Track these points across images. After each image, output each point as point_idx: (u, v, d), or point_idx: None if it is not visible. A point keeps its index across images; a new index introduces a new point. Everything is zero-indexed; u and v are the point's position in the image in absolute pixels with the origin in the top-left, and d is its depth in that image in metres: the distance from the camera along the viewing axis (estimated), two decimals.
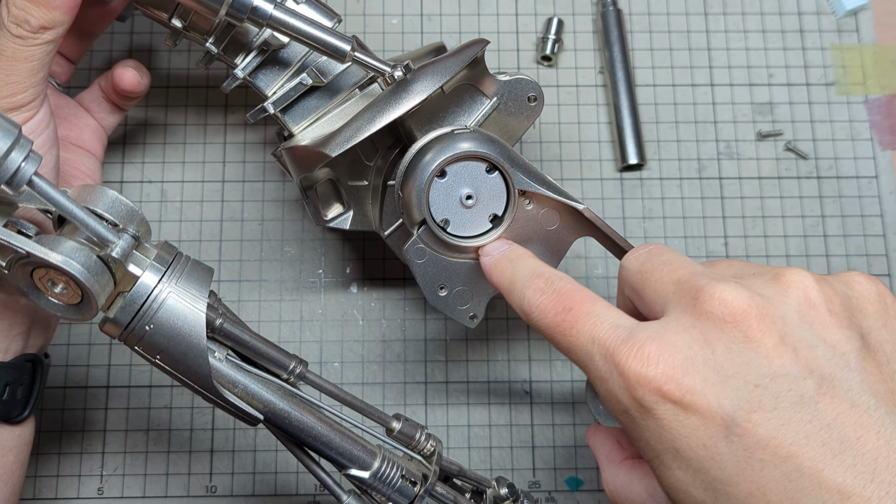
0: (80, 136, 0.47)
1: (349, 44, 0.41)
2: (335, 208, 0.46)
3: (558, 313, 0.32)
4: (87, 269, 0.32)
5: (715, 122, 0.57)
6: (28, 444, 0.42)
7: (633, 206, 0.55)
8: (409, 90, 0.41)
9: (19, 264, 0.33)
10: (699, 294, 0.29)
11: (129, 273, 0.34)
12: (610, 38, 0.56)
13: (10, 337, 0.40)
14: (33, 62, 0.36)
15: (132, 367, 0.52)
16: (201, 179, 0.55)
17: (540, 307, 0.33)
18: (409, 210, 0.41)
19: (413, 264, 0.43)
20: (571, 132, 0.56)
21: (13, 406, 0.40)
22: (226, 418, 0.51)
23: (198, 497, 0.51)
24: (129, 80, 0.46)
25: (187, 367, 0.34)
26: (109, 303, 0.34)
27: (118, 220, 0.35)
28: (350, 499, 0.37)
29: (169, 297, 0.34)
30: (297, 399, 0.37)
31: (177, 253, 0.36)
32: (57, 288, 0.33)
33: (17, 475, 0.41)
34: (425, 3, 0.58)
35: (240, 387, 0.36)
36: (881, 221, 0.55)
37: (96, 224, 0.32)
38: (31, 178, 0.31)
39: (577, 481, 0.51)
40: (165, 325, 0.34)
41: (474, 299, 0.44)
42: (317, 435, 0.37)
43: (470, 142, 0.41)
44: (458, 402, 0.52)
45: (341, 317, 0.53)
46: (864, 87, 0.57)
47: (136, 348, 0.34)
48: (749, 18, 0.58)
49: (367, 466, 0.37)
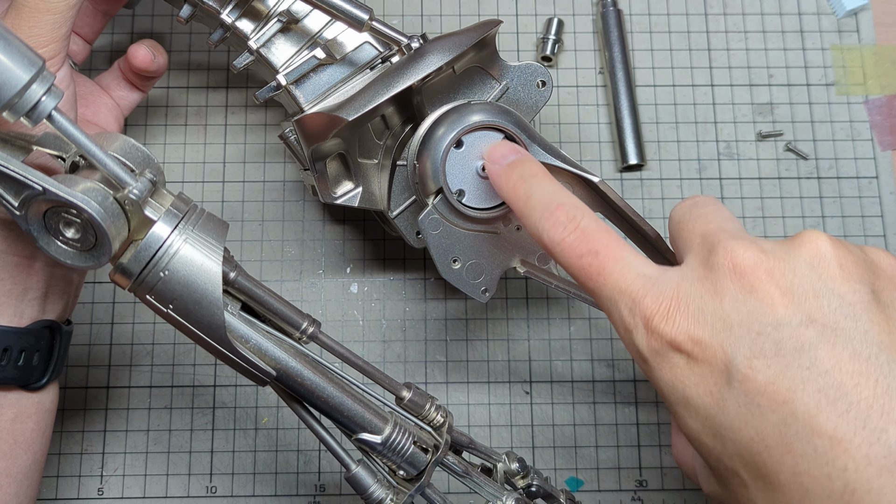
0: (97, 113, 0.47)
1: (367, 12, 0.41)
2: (344, 185, 0.46)
3: (583, 255, 0.32)
4: (105, 208, 0.31)
5: (715, 122, 0.57)
6: (50, 412, 0.41)
7: (634, 206, 0.55)
8: (425, 59, 0.41)
9: (33, 203, 0.32)
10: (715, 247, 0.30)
11: (144, 218, 0.33)
12: (610, 39, 0.56)
13: (25, 301, 0.39)
14: (56, 15, 0.36)
15: (132, 367, 0.52)
16: (201, 180, 0.55)
17: (563, 245, 0.33)
18: (425, 180, 0.42)
19: (428, 235, 0.43)
20: (572, 132, 0.56)
21: (30, 372, 0.39)
22: (226, 418, 0.51)
23: (198, 497, 0.51)
24: (142, 58, 0.46)
25: (200, 318, 0.33)
26: (121, 252, 0.33)
27: (134, 166, 0.34)
28: (359, 468, 0.36)
29: (185, 245, 0.33)
30: (309, 359, 0.36)
31: (192, 203, 0.35)
32: (69, 232, 0.32)
33: (39, 443, 0.41)
34: (425, 3, 0.58)
35: (252, 343, 0.35)
36: (881, 222, 0.55)
37: (114, 164, 0.31)
38: (50, 113, 0.30)
39: (577, 481, 0.51)
40: (180, 273, 0.33)
41: (487, 273, 0.44)
42: (328, 397, 0.36)
43: (487, 112, 0.42)
44: (459, 403, 0.52)
45: (341, 317, 0.53)
46: (865, 88, 0.57)
47: (149, 297, 0.33)
48: (749, 19, 0.58)
49: (378, 431, 0.36)
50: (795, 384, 0.26)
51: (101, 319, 0.53)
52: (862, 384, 0.26)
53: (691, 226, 0.33)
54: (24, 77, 0.29)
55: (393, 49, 0.44)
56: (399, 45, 0.43)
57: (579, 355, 0.53)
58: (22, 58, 0.29)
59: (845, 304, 0.28)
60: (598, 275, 0.32)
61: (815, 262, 0.29)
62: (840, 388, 0.26)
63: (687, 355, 0.29)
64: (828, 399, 0.26)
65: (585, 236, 0.33)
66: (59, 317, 0.41)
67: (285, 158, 0.55)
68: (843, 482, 0.25)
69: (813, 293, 0.28)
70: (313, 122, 0.42)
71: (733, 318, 0.28)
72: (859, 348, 0.27)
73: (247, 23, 0.45)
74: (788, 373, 0.27)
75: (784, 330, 0.27)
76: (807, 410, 0.26)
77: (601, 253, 0.32)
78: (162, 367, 0.52)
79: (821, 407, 0.26)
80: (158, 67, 0.47)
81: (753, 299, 0.28)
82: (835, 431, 0.26)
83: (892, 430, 0.25)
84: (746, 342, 0.28)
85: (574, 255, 0.33)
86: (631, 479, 0.52)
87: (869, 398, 0.26)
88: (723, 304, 0.29)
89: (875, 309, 0.28)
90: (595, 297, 0.33)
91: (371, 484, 0.37)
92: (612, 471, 0.52)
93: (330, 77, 0.45)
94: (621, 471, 0.52)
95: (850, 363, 0.26)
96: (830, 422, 0.26)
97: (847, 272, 0.28)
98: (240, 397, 0.52)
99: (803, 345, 0.27)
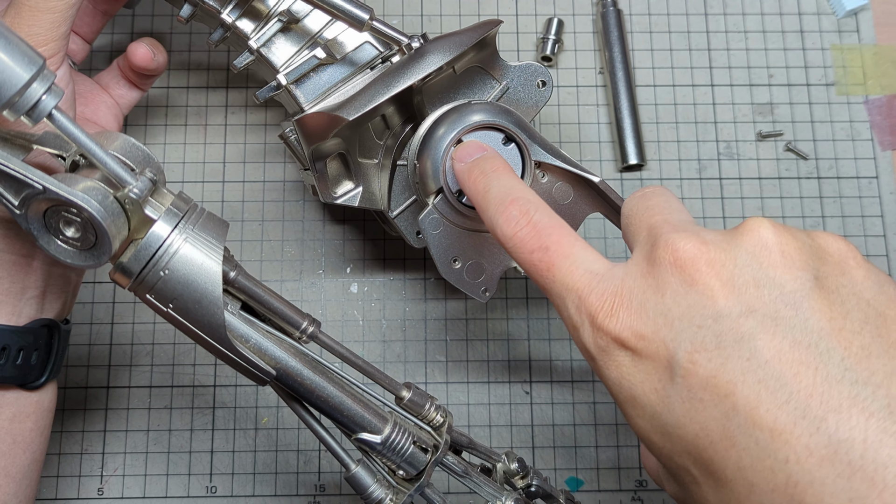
0: (96, 112, 0.48)
1: (368, 12, 0.41)
2: (344, 185, 0.46)
3: (534, 251, 0.32)
4: (105, 207, 0.31)
5: (715, 122, 0.57)
6: (48, 411, 0.41)
7: None
8: (426, 59, 0.41)
9: (34, 202, 0.32)
10: (657, 241, 0.29)
11: (144, 217, 0.33)
12: (610, 39, 0.56)
13: (23, 300, 0.39)
14: (55, 14, 0.36)
15: (132, 367, 0.52)
16: (201, 180, 0.55)
17: (515, 240, 0.33)
18: (425, 180, 0.42)
19: (428, 235, 0.43)
20: (572, 132, 0.56)
21: (28, 371, 0.39)
22: (226, 418, 0.51)
23: (198, 497, 0.51)
24: (141, 56, 0.46)
25: (200, 317, 0.33)
26: (121, 251, 0.33)
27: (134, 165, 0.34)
28: (359, 468, 0.36)
29: (185, 244, 0.33)
30: (309, 358, 0.36)
31: (193, 203, 0.35)
32: (69, 231, 0.32)
33: (38, 443, 0.41)
34: (425, 3, 0.58)
35: (251, 342, 0.35)
36: (881, 222, 0.55)
37: (115, 163, 0.32)
38: (51, 112, 0.30)
39: (577, 481, 0.51)
40: (180, 272, 0.33)
41: (487, 273, 0.45)
42: (328, 396, 0.36)
43: (487, 112, 0.42)
44: (459, 403, 0.52)
45: (341, 317, 0.53)
46: (865, 88, 0.57)
47: (149, 296, 0.33)
48: (749, 19, 0.58)
49: (377, 431, 0.36)
50: (736, 376, 0.26)
51: (101, 319, 0.53)
52: (802, 373, 0.25)
53: (638, 218, 0.32)
54: (25, 76, 0.29)
55: (393, 49, 0.45)
56: (399, 44, 0.43)
57: (579, 355, 0.53)
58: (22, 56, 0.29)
59: (786, 293, 0.27)
60: (548, 271, 0.31)
61: (756, 250, 0.28)
62: (780, 379, 0.25)
63: (632, 352, 0.29)
64: (768, 390, 0.25)
65: (537, 231, 0.32)
66: (57, 316, 0.41)
67: (285, 158, 0.55)
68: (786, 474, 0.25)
69: (753, 283, 0.27)
70: (313, 122, 0.42)
71: (674, 313, 0.28)
72: (799, 337, 0.26)
73: (247, 22, 0.45)
74: (729, 365, 0.26)
75: (724, 322, 0.27)
76: (748, 403, 0.26)
77: (551, 249, 0.32)
78: (162, 367, 0.52)
79: (761, 398, 0.25)
80: (158, 66, 0.47)
81: (694, 292, 0.28)
82: (775, 423, 0.25)
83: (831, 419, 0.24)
84: (688, 336, 0.27)
85: (525, 250, 0.32)
86: (631, 479, 0.52)
87: (808, 387, 0.25)
88: (664, 299, 0.28)
89: (817, 296, 0.27)
90: (546, 294, 0.32)
91: (371, 484, 0.36)
92: (612, 471, 0.52)
93: (330, 77, 0.45)
94: (621, 471, 0.52)
95: (789, 352, 0.26)
96: (771, 413, 0.25)
97: (789, 259, 0.28)
98: (240, 397, 0.52)
99: (743, 336, 0.26)
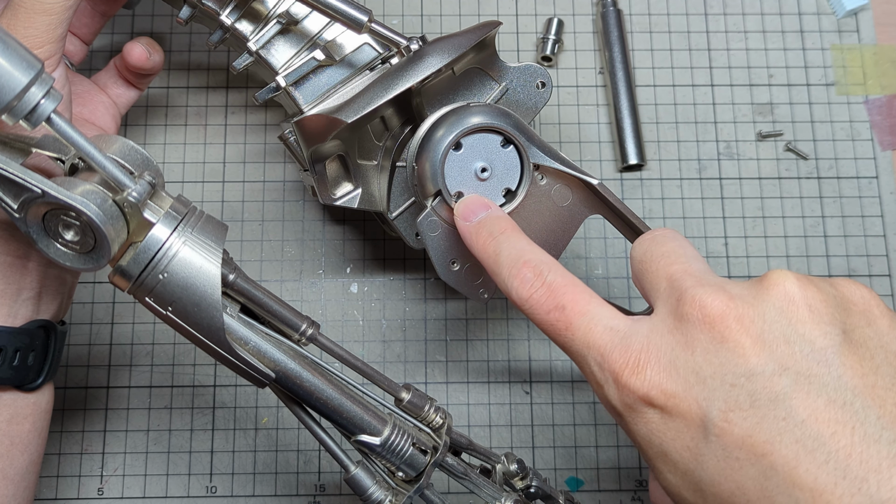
0: (93, 112, 0.48)
1: (366, 14, 0.41)
2: (344, 187, 0.46)
3: (550, 311, 0.32)
4: (104, 211, 0.31)
5: (715, 122, 0.57)
6: (46, 412, 0.41)
7: (634, 206, 0.55)
8: (424, 61, 0.41)
9: (33, 206, 0.32)
10: (682, 296, 0.30)
11: (143, 221, 0.33)
12: (610, 39, 0.56)
13: (19, 301, 0.39)
14: (52, 16, 0.36)
15: (132, 367, 0.52)
16: (201, 180, 0.55)
17: (531, 302, 0.33)
18: (424, 182, 0.42)
19: (426, 237, 0.43)
20: (572, 132, 0.56)
21: (25, 372, 0.39)
22: (226, 418, 0.52)
23: (198, 497, 0.51)
24: (137, 55, 0.46)
25: (199, 320, 0.33)
26: (120, 254, 0.34)
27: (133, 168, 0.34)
28: (358, 469, 0.37)
29: (184, 247, 0.33)
30: (308, 361, 0.36)
31: (191, 206, 0.35)
32: (68, 234, 0.33)
33: (35, 444, 0.41)
34: (425, 3, 0.58)
35: (251, 344, 0.35)
36: (881, 222, 0.55)
37: (113, 167, 0.31)
38: (49, 116, 0.30)
39: (577, 481, 0.51)
40: (179, 275, 0.33)
41: (486, 275, 0.44)
42: (327, 398, 0.36)
43: (486, 114, 0.42)
44: (459, 403, 0.52)
45: (341, 317, 0.53)
46: (865, 88, 0.57)
47: (148, 299, 0.33)
48: (749, 19, 0.58)
49: (377, 433, 0.36)
50: (773, 436, 0.26)
51: (101, 319, 0.53)
52: (839, 432, 0.26)
53: (654, 267, 0.32)
54: (24, 80, 0.29)
55: (392, 50, 0.45)
56: (398, 46, 0.43)
57: None
58: (21, 60, 0.29)
59: (816, 350, 0.27)
60: (566, 330, 0.32)
61: (783, 305, 0.28)
62: (818, 438, 0.26)
63: (661, 409, 0.29)
64: (806, 450, 0.26)
65: (552, 291, 0.33)
66: (53, 317, 0.41)
67: (285, 159, 0.55)
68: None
69: (784, 339, 0.28)
70: (313, 124, 0.42)
71: (706, 371, 0.28)
72: (833, 395, 0.26)
73: (246, 24, 0.45)
74: (765, 424, 0.26)
75: (758, 380, 0.27)
76: (786, 462, 0.26)
77: (567, 307, 0.32)
78: (162, 367, 0.52)
79: (800, 458, 0.26)
80: (154, 65, 0.47)
81: (725, 350, 0.28)
82: (815, 483, 0.25)
83: (872, 479, 0.25)
84: (721, 395, 0.27)
85: (542, 311, 0.33)
86: (631, 479, 0.52)
87: (847, 447, 0.25)
88: (695, 356, 0.28)
89: (847, 351, 0.27)
90: (566, 352, 0.32)
91: (370, 485, 0.37)
92: (612, 471, 0.52)
93: (329, 78, 0.45)
94: (621, 471, 0.52)
95: (825, 411, 0.26)
96: (810, 473, 0.25)
97: (816, 314, 0.28)
98: (240, 397, 0.52)
99: (778, 395, 0.27)
